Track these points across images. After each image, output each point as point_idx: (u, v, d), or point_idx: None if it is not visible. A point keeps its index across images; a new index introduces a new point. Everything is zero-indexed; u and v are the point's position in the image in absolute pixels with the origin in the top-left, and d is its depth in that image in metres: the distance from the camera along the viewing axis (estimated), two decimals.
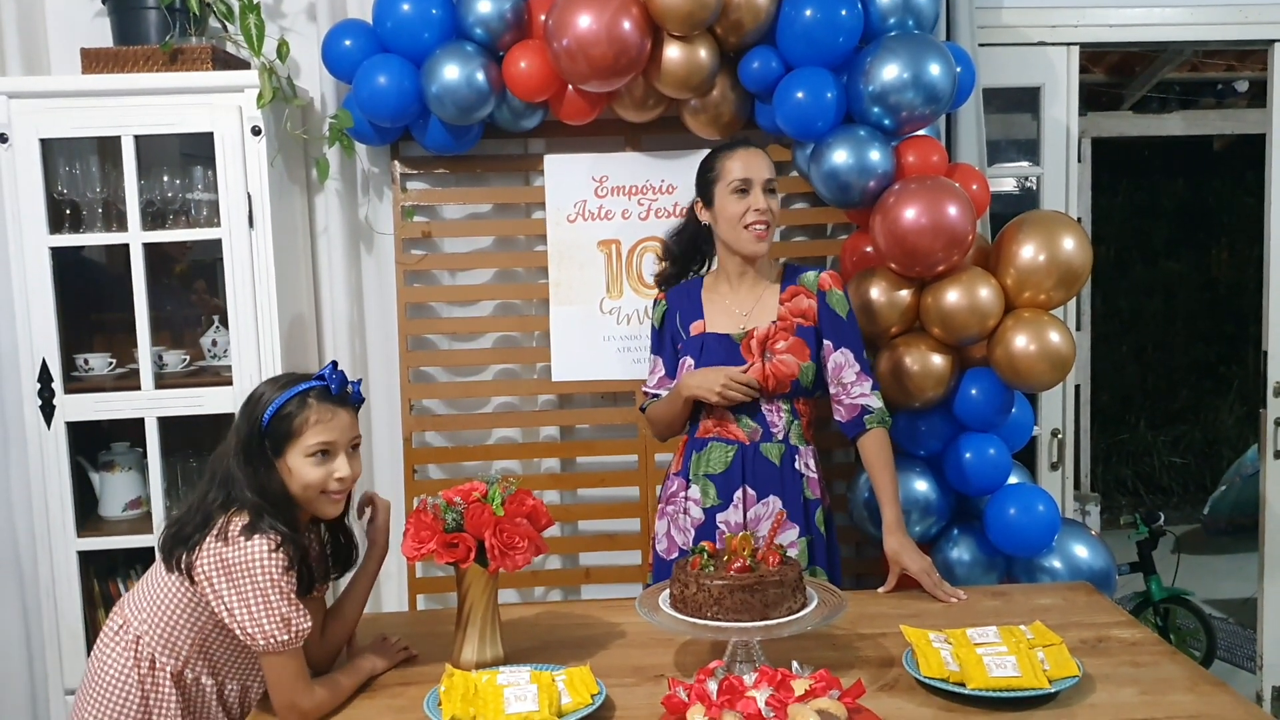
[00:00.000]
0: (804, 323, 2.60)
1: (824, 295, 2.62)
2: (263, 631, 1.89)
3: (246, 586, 1.89)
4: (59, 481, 3.01)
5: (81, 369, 3.08)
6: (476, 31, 2.95)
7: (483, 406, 3.45)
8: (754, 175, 2.55)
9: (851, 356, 2.60)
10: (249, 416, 1.99)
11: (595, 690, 1.90)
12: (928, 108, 2.84)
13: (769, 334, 2.59)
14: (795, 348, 2.58)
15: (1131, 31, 3.57)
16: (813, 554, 2.61)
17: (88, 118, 2.95)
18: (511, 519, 2.01)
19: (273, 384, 2.04)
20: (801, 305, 2.62)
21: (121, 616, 2.09)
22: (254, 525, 1.91)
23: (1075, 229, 2.89)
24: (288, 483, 1.99)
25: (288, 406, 1.98)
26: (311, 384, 2.01)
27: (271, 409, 1.98)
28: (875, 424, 2.58)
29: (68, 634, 3.04)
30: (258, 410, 1.99)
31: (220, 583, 1.90)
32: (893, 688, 1.96)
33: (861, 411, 2.58)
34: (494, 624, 2.10)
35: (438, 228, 3.34)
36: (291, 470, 1.99)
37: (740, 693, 1.70)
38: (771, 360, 2.57)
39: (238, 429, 2.01)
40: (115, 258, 3.15)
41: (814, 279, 2.64)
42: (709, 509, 2.62)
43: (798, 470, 2.61)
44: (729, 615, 1.90)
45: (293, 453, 1.98)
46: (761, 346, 2.58)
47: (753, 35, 2.92)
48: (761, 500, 2.59)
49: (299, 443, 1.98)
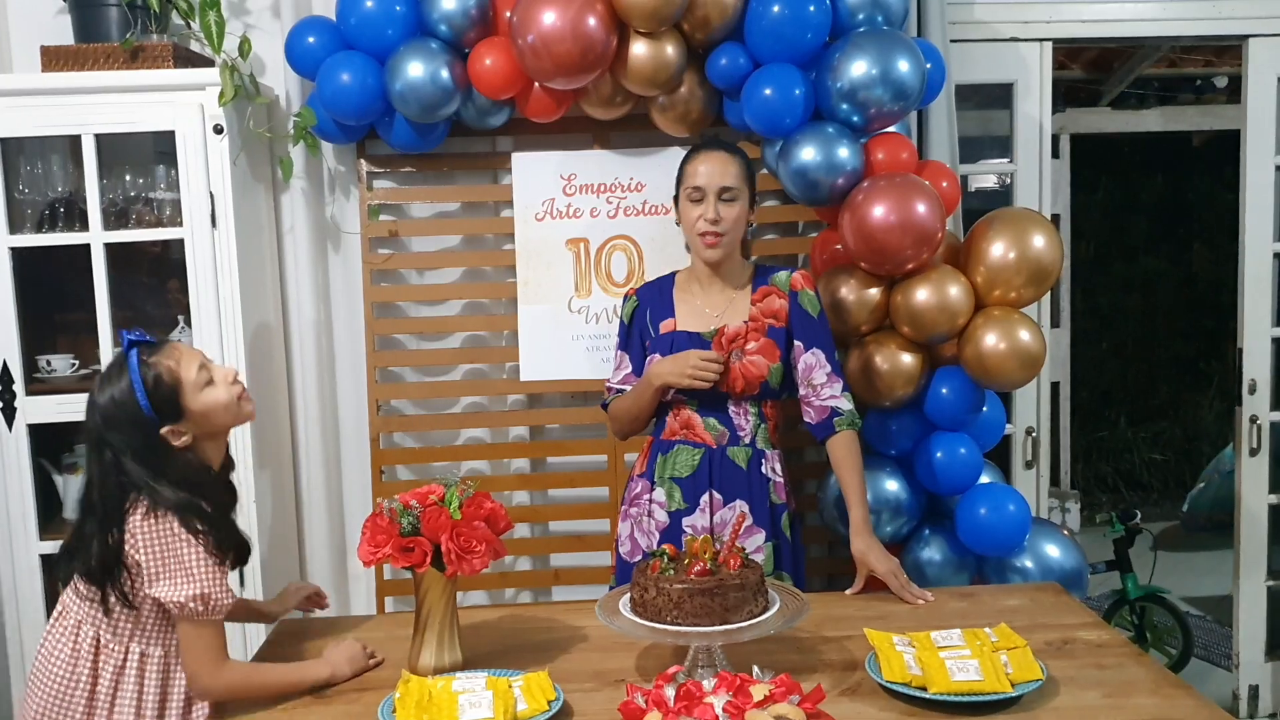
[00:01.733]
0: (775, 323, 2.58)
1: (796, 295, 2.60)
2: (179, 597, 1.90)
3: (167, 555, 1.92)
4: (20, 484, 2.98)
5: (44, 370, 3.05)
6: (441, 28, 2.92)
7: (451, 406, 3.42)
8: (708, 183, 2.51)
9: (823, 357, 2.58)
10: (124, 422, 1.94)
11: (552, 696, 1.87)
12: (896, 104, 2.81)
13: (739, 333, 2.56)
14: (765, 349, 2.56)
15: (1105, 27, 3.56)
16: (779, 559, 2.58)
17: (48, 116, 2.91)
18: (469, 522, 1.98)
19: (106, 385, 1.97)
20: (773, 305, 2.59)
21: (61, 604, 2.09)
22: (157, 503, 1.93)
23: (1046, 226, 2.87)
24: (196, 441, 2.01)
25: (146, 376, 1.95)
26: (130, 356, 1.97)
27: (140, 392, 1.94)
28: (845, 426, 2.56)
29: (30, 637, 3.00)
30: (127, 409, 1.94)
31: (143, 555, 1.92)
32: (855, 692, 1.94)
33: (831, 413, 2.56)
34: (452, 628, 2.07)
35: (405, 226, 3.31)
36: (201, 414, 1.99)
37: (698, 698, 1.67)
38: (741, 360, 2.54)
39: (113, 446, 1.95)
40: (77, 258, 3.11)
41: (786, 279, 2.61)
42: (674, 512, 2.59)
43: (764, 475, 2.59)
44: (689, 619, 1.87)
45: (190, 397, 1.98)
46: (731, 344, 2.56)
47: (720, 31, 2.89)
48: (728, 505, 2.57)
49: (187, 382, 1.98)
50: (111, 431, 1.95)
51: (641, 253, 3.25)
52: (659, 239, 3.23)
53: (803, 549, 2.69)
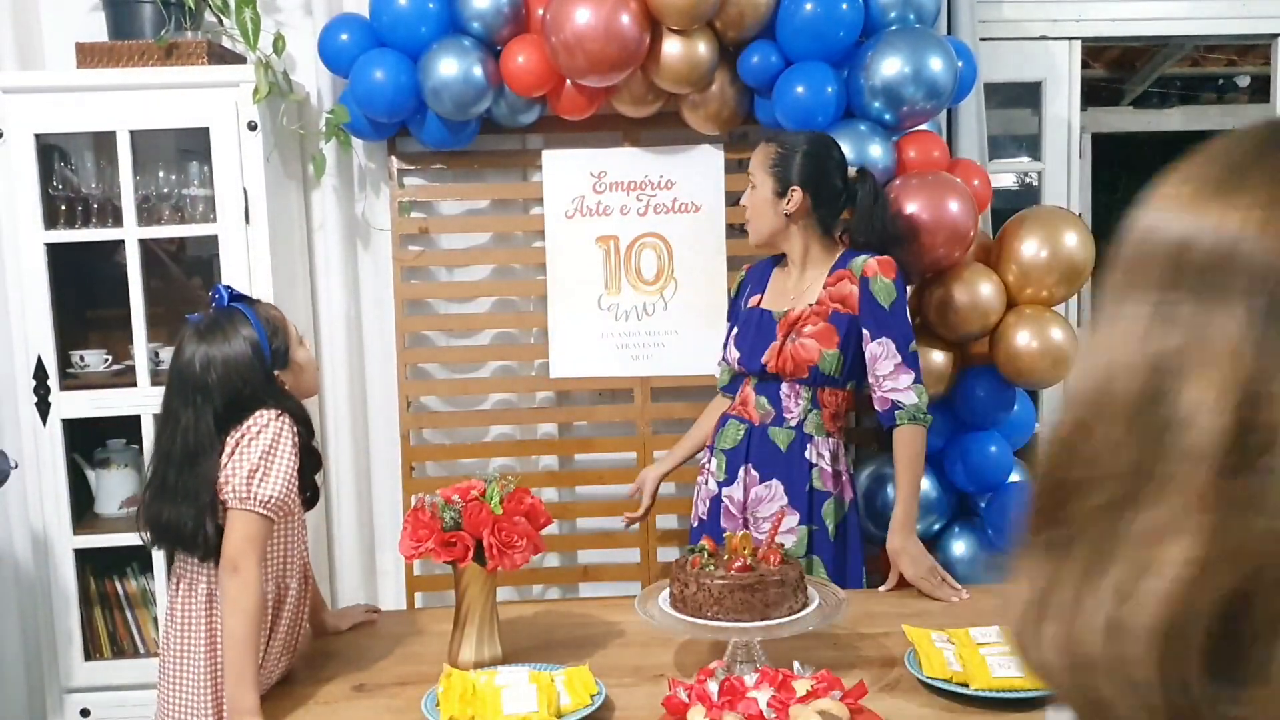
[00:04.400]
0: (841, 309, 2.54)
1: (867, 282, 2.52)
2: (246, 485, 1.91)
3: (269, 452, 1.94)
4: (55, 479, 2.99)
5: (78, 366, 3.06)
6: (474, 26, 2.93)
7: (480, 404, 3.43)
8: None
9: (892, 347, 2.51)
10: (246, 368, 1.98)
11: (594, 690, 1.88)
12: (928, 102, 2.82)
13: (801, 316, 2.56)
14: (822, 334, 2.53)
15: (1133, 26, 3.56)
16: (812, 543, 2.58)
17: (83, 113, 2.93)
18: (510, 518, 1.99)
19: (215, 335, 2.00)
20: (844, 290, 2.55)
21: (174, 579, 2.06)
22: (284, 410, 2.00)
23: (1078, 225, 2.88)
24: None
25: (265, 324, 2.03)
26: (242, 308, 2.04)
27: (263, 337, 2.00)
28: (906, 420, 2.50)
29: (64, 633, 3.02)
30: (248, 356, 1.98)
31: (247, 451, 1.94)
32: (894, 688, 1.94)
33: (893, 406, 2.52)
34: (492, 623, 2.08)
35: (435, 224, 3.32)
36: (299, 366, 2.09)
37: (741, 693, 1.68)
38: (794, 342, 2.55)
39: (246, 367, 1.98)
40: (111, 254, 3.13)
41: (861, 264, 2.55)
42: (720, 483, 2.64)
43: (807, 459, 2.57)
44: (729, 615, 1.88)
45: (294, 349, 2.09)
46: (790, 327, 2.56)
47: (752, 29, 2.90)
48: (764, 482, 2.58)
49: (292, 335, 2.10)
50: (230, 374, 1.97)
51: (671, 250, 3.25)
52: (689, 237, 3.24)
53: (854, 541, 2.64)
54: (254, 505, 1.91)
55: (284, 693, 2.04)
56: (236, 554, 1.90)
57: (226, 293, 2.06)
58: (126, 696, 3.00)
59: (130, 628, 3.13)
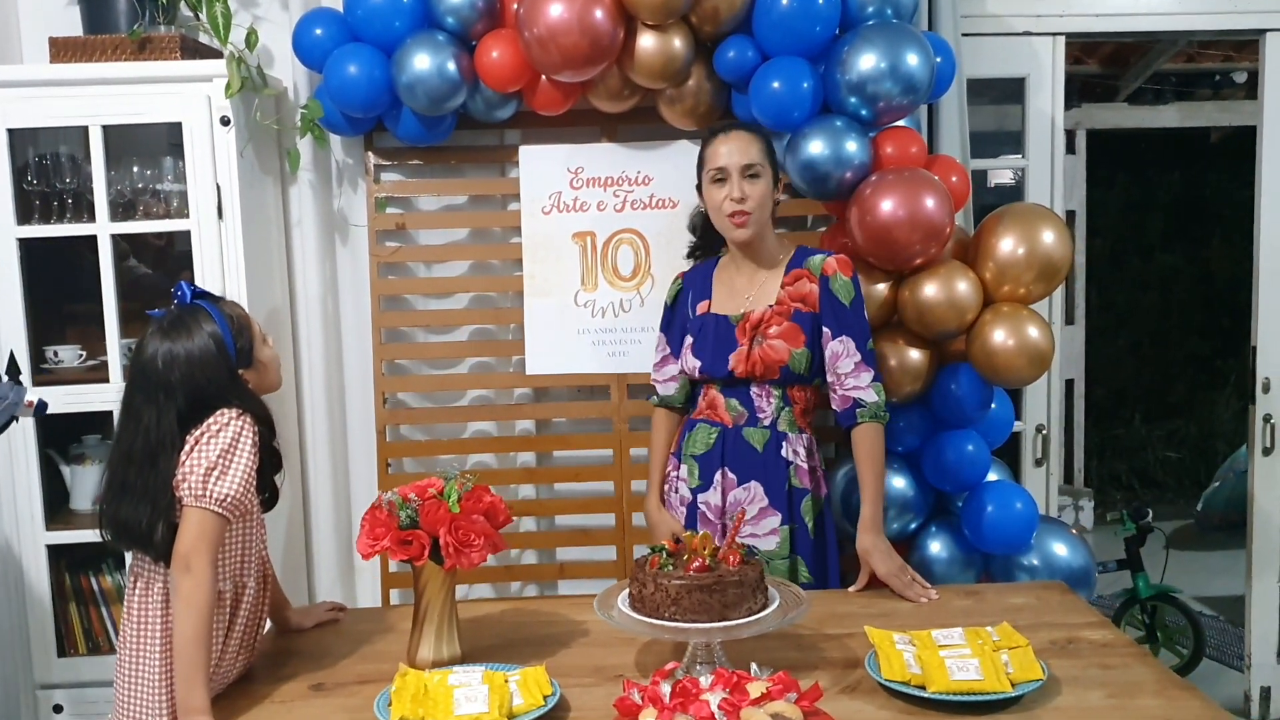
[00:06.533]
0: (803, 308, 2.54)
1: (826, 280, 2.54)
2: (202, 483, 1.90)
3: (228, 451, 1.93)
4: (28, 474, 2.98)
5: (51, 361, 3.05)
6: (448, 20, 2.91)
7: (458, 399, 3.41)
8: (730, 163, 2.51)
9: (852, 345, 2.52)
10: (209, 364, 1.96)
11: (549, 691, 1.86)
12: (905, 98, 2.79)
13: (763, 317, 2.54)
14: (788, 333, 2.52)
15: (1118, 21, 3.53)
16: (794, 542, 2.57)
17: (56, 107, 2.91)
18: (467, 516, 1.97)
19: (179, 331, 1.97)
20: (803, 289, 2.55)
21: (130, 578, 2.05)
22: (245, 409, 2.00)
23: (1056, 222, 2.85)
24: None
25: (230, 322, 2.03)
26: (205, 305, 2.03)
27: (227, 336, 2.00)
28: (867, 418, 2.52)
29: (37, 628, 3.01)
30: (211, 353, 1.97)
31: (205, 449, 1.93)
32: (854, 690, 1.92)
33: (854, 404, 2.52)
34: (451, 622, 2.07)
35: (412, 219, 3.30)
36: (263, 364, 2.11)
37: (694, 695, 1.66)
38: (761, 345, 2.53)
39: (210, 364, 1.97)
40: (84, 249, 3.12)
41: (819, 262, 2.57)
42: (694, 489, 2.62)
43: (783, 457, 2.57)
44: (687, 615, 1.86)
45: (258, 348, 2.10)
46: (754, 330, 2.54)
47: (728, 24, 2.87)
48: (742, 485, 2.57)
49: (255, 333, 2.09)
50: (194, 372, 1.95)
51: (648, 246, 3.23)
52: (666, 233, 3.21)
53: (832, 538, 2.64)
54: (209, 503, 1.90)
55: (241, 691, 2.03)
56: (189, 551, 1.88)
57: (189, 290, 2.05)
58: (100, 693, 2.99)
59: (105, 624, 3.11)
